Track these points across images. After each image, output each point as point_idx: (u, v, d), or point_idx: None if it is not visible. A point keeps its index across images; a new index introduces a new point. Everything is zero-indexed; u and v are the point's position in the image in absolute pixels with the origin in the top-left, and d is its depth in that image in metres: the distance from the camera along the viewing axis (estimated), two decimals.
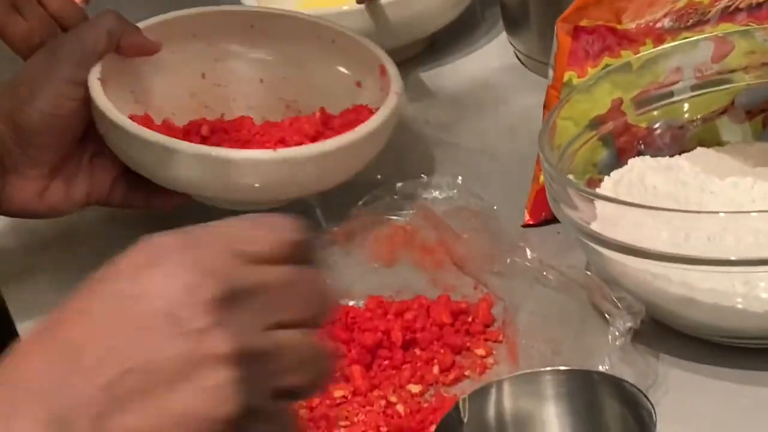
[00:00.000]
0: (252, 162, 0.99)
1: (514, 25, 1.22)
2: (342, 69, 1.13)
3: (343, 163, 0.99)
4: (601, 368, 0.76)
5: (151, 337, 0.54)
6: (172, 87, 1.11)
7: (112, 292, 0.57)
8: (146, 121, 1.02)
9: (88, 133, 1.02)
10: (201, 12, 1.14)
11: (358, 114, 1.03)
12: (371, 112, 1.01)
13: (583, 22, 0.83)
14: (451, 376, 0.82)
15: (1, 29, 1.05)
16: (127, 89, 1.06)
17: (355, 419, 0.82)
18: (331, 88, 1.11)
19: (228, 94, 1.14)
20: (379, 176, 1.04)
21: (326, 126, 1.05)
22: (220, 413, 0.52)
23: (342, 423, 0.82)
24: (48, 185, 1.02)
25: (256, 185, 0.99)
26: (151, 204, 1.08)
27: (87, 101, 0.99)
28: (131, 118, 1.01)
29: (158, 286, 0.56)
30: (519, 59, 1.21)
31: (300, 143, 1.04)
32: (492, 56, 1.24)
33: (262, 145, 1.07)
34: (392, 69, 1.05)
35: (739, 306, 0.77)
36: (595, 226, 0.79)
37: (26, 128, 0.99)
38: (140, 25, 1.08)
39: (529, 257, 0.87)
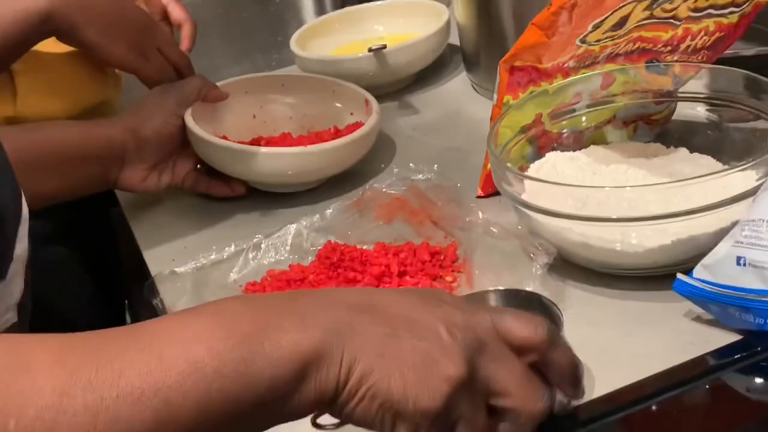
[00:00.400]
0: (292, 154, 1.03)
1: (470, 65, 1.24)
2: (338, 105, 1.17)
3: (347, 154, 1.06)
4: (527, 289, 0.78)
5: (421, 320, 0.56)
6: (235, 123, 1.16)
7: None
8: (224, 138, 1.08)
9: (176, 144, 1.07)
10: (251, 77, 1.22)
11: (353, 128, 1.09)
12: (361, 125, 1.07)
13: (517, 63, 0.86)
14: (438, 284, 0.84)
15: (137, 70, 1.06)
16: (208, 124, 1.10)
17: None
18: (333, 117, 1.15)
19: (270, 126, 1.18)
20: (382, 165, 1.09)
21: (336, 136, 1.10)
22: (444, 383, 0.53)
23: None
24: (147, 175, 1.07)
25: (290, 172, 1.04)
26: (210, 189, 1.10)
27: (181, 127, 1.05)
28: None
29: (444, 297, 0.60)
30: (474, 88, 1.26)
31: None
32: (457, 86, 1.30)
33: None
34: (372, 100, 1.12)
35: (618, 248, 0.78)
36: (524, 197, 0.81)
37: (142, 139, 1.04)
38: (218, 83, 1.15)
39: (480, 218, 0.90)
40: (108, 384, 0.46)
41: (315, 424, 0.58)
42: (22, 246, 0.65)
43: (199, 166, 1.11)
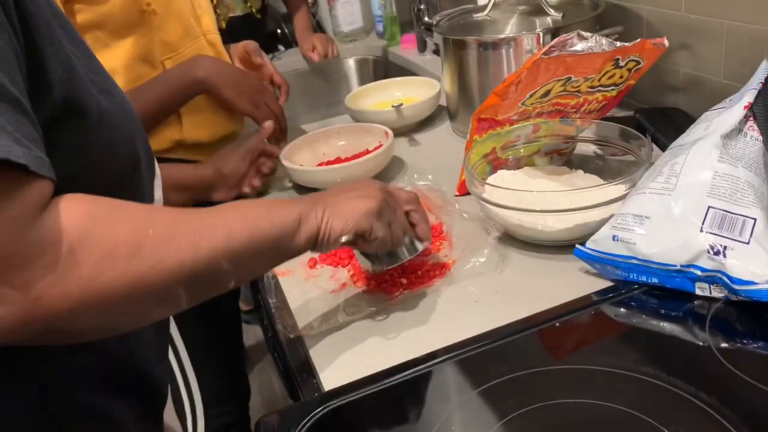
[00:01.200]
0: (341, 167, 1.04)
1: (452, 117, 1.22)
2: (368, 139, 1.13)
3: (375, 164, 1.03)
4: (486, 259, 0.78)
5: (353, 186, 0.68)
6: (310, 158, 1.14)
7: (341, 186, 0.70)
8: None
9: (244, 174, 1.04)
10: (320, 131, 1.17)
11: (378, 148, 1.06)
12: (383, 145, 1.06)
13: (482, 116, 0.86)
14: (428, 250, 0.82)
15: (253, 116, 1.06)
16: (296, 158, 1.09)
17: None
18: (366, 146, 1.13)
19: (329, 156, 1.14)
20: (397, 175, 1.08)
21: (369, 153, 1.06)
22: (367, 207, 0.65)
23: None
24: (231, 192, 1.03)
25: (338, 180, 1.01)
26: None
27: (248, 166, 1.03)
28: None
29: (362, 184, 0.69)
30: (454, 131, 1.22)
31: None
32: (443, 130, 1.26)
33: None
34: (390, 132, 1.09)
35: (539, 228, 0.78)
36: (484, 196, 0.80)
37: (223, 173, 1.01)
38: (305, 136, 1.17)
39: (457, 208, 0.89)
40: (198, 221, 0.51)
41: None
42: (158, 194, 0.64)
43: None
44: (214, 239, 0.51)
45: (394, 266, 0.73)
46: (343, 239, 0.64)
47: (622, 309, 0.68)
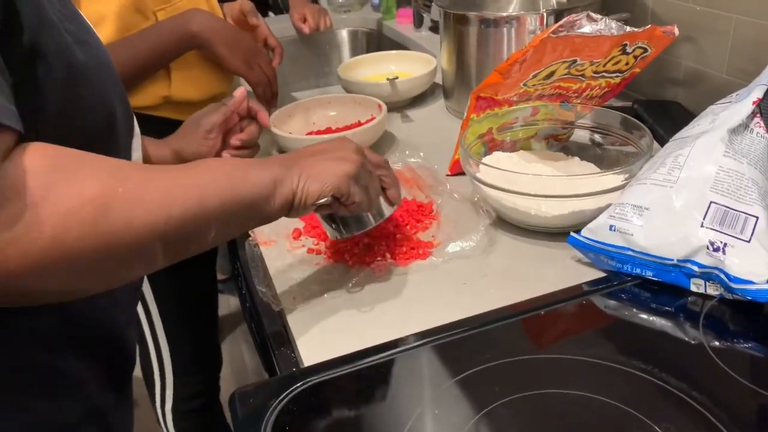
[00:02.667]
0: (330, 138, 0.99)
1: (447, 95, 1.20)
2: (359, 111, 1.11)
3: (367, 136, 1.00)
4: (476, 240, 0.76)
5: (329, 147, 0.65)
6: (300, 126, 1.11)
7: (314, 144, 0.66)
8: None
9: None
10: (311, 99, 1.14)
11: (370, 120, 1.03)
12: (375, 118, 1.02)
13: (481, 94, 0.83)
14: (416, 228, 0.81)
15: (245, 75, 1.03)
16: (285, 126, 1.07)
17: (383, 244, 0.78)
18: (358, 117, 1.10)
19: (320, 126, 1.12)
20: (388, 151, 1.06)
21: (360, 126, 1.04)
22: (345, 170, 0.62)
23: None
24: None
25: None
26: None
27: (212, 146, 0.81)
28: None
29: (336, 143, 0.66)
30: (447, 110, 1.20)
31: None
32: (437, 107, 1.24)
33: None
34: (383, 104, 1.06)
35: (533, 213, 0.76)
36: (478, 176, 0.78)
37: (185, 159, 0.80)
38: (296, 102, 1.13)
39: (448, 188, 0.87)
40: (170, 179, 0.49)
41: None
42: (136, 155, 0.61)
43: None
44: (187, 200, 0.49)
45: (362, 232, 0.71)
46: (320, 202, 0.61)
47: (613, 301, 0.66)
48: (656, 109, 1.00)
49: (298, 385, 0.57)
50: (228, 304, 2.06)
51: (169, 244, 0.49)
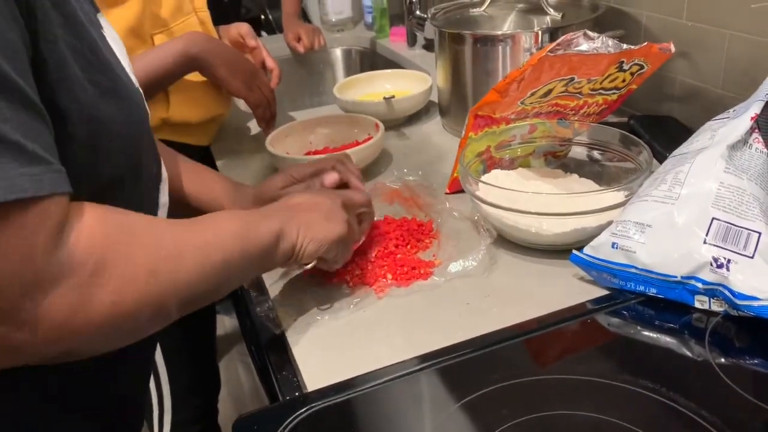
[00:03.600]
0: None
1: (443, 112, 1.20)
2: (357, 131, 1.11)
3: (364, 155, 1.00)
4: (477, 260, 0.75)
5: (317, 203, 0.69)
6: (296, 146, 1.10)
7: (297, 194, 0.72)
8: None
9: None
10: (307, 120, 1.14)
11: (368, 140, 1.03)
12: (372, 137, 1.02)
13: (479, 112, 0.83)
14: (417, 247, 0.80)
15: (245, 97, 1.03)
16: (282, 147, 1.06)
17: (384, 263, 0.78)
18: (355, 137, 1.10)
19: (316, 145, 1.11)
20: (385, 170, 1.05)
21: (358, 145, 1.03)
22: (341, 230, 0.68)
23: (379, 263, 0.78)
24: None
25: None
26: None
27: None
28: None
29: (318, 191, 0.72)
30: (444, 127, 1.20)
31: None
32: (433, 125, 1.23)
33: None
34: (380, 124, 1.06)
35: (534, 231, 0.76)
36: (477, 194, 0.78)
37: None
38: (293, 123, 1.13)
39: (447, 206, 0.86)
40: (200, 238, 0.54)
41: (305, 271, 0.75)
42: (163, 199, 0.62)
43: None
44: (216, 257, 0.54)
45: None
46: (311, 265, 0.70)
47: (617, 319, 0.66)
48: (652, 125, 1.00)
49: (302, 411, 0.56)
50: (223, 324, 2.04)
51: (195, 299, 0.53)
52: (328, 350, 0.65)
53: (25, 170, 0.39)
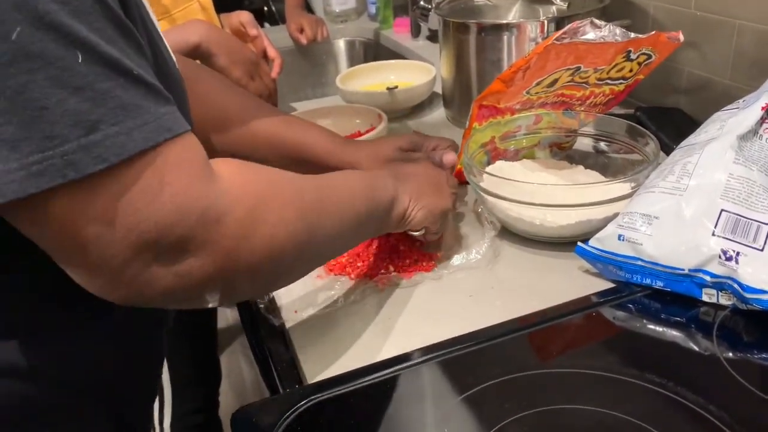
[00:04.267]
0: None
1: (447, 104, 1.18)
2: (359, 121, 1.10)
3: None
4: (481, 252, 0.75)
5: (428, 173, 0.73)
6: None
7: (404, 163, 0.78)
8: None
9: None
10: (310, 109, 1.12)
11: (370, 130, 1.02)
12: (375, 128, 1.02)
13: (484, 102, 0.82)
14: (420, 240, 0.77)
15: (245, 86, 1.03)
16: None
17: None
18: (358, 128, 1.08)
19: None
20: None
21: (359, 136, 1.03)
22: (448, 204, 0.73)
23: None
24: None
25: None
26: None
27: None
28: None
29: (426, 162, 0.78)
30: (447, 118, 1.18)
31: None
32: (436, 116, 1.22)
33: None
34: (383, 114, 1.05)
35: (538, 224, 0.75)
36: (481, 185, 0.76)
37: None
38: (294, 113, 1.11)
39: None
40: (339, 191, 0.58)
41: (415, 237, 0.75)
42: None
43: None
44: (350, 213, 0.57)
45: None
46: (419, 233, 0.72)
47: (623, 312, 0.65)
48: (659, 117, 0.98)
49: (303, 403, 0.55)
50: (225, 316, 2.03)
51: (329, 253, 0.59)
52: (329, 342, 0.64)
53: (165, 109, 0.41)
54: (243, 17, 1.13)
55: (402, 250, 0.76)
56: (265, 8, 2.18)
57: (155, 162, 0.40)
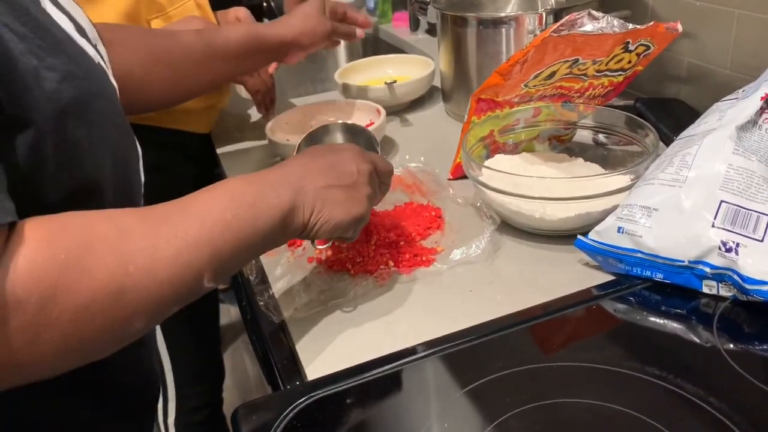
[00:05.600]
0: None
1: (446, 98, 1.18)
2: (359, 115, 1.09)
3: None
4: (481, 245, 0.74)
5: (343, 171, 0.61)
6: (298, 131, 1.07)
7: (323, 150, 0.64)
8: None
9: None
10: (310, 105, 1.14)
11: (369, 125, 1.01)
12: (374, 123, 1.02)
13: (482, 96, 0.82)
14: (419, 234, 0.78)
15: (244, 83, 1.03)
16: (283, 133, 1.05)
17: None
18: (357, 122, 1.08)
19: None
20: (387, 156, 1.03)
21: None
22: (361, 211, 0.61)
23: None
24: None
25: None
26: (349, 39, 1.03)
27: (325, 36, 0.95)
28: None
29: (348, 153, 0.63)
30: (446, 113, 1.18)
31: None
32: (436, 111, 1.21)
33: None
34: (382, 109, 1.04)
35: (538, 217, 0.74)
36: (481, 179, 0.76)
37: (302, 44, 0.94)
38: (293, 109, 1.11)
39: (450, 192, 0.86)
40: (180, 239, 0.46)
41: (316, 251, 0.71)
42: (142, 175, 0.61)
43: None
44: (199, 261, 0.47)
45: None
46: (325, 246, 0.66)
47: (623, 305, 0.65)
48: (658, 108, 0.98)
49: (303, 400, 0.55)
50: (229, 313, 2.03)
51: (181, 301, 0.48)
52: (330, 339, 0.64)
53: None
54: (240, 13, 1.12)
55: (402, 245, 0.76)
56: (264, 4, 2.18)
57: None
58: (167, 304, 0.47)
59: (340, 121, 0.86)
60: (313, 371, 0.60)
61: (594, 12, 0.75)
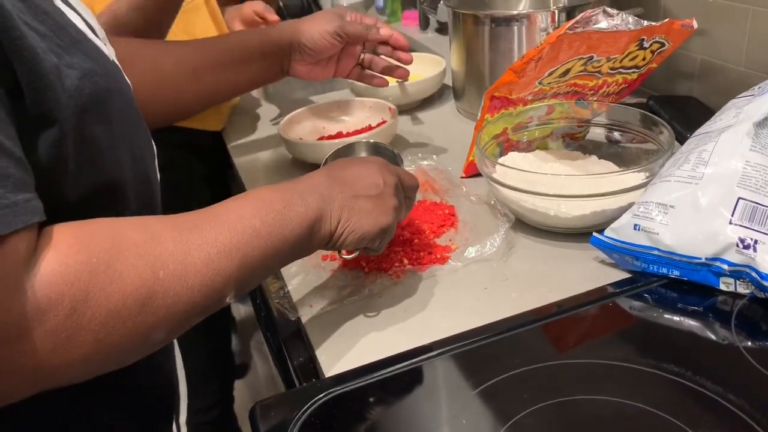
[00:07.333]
0: (343, 141, 0.96)
1: (457, 96, 1.17)
2: (370, 114, 1.09)
3: (379, 139, 0.95)
4: (495, 244, 0.74)
5: (370, 182, 0.61)
6: (310, 131, 1.08)
7: (349, 162, 0.64)
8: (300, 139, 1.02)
9: (332, 51, 0.90)
10: (320, 104, 1.13)
11: (381, 124, 1.02)
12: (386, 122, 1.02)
13: (495, 94, 0.82)
14: (434, 232, 0.78)
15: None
16: (295, 132, 1.05)
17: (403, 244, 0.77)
18: (368, 121, 1.07)
19: (330, 130, 1.09)
20: (400, 154, 1.03)
21: (371, 130, 1.01)
22: (388, 221, 0.60)
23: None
24: (312, 69, 0.91)
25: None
26: (372, 82, 0.97)
27: (335, 44, 0.88)
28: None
29: (374, 165, 0.63)
30: (458, 111, 1.18)
31: None
32: (447, 109, 1.22)
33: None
34: (393, 107, 1.05)
35: (552, 214, 0.74)
36: (494, 177, 0.76)
37: (300, 43, 0.87)
38: (301, 109, 1.10)
39: (464, 190, 0.86)
40: (210, 245, 0.47)
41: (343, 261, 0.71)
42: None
43: (362, 60, 0.95)
44: (228, 268, 0.47)
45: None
46: (351, 256, 0.64)
47: (639, 302, 0.64)
48: (672, 105, 0.98)
49: (320, 396, 0.55)
50: (239, 312, 2.04)
51: (207, 310, 0.48)
52: (345, 336, 0.64)
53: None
54: (256, 7, 1.12)
55: (416, 242, 0.76)
56: (280, 4, 2.17)
57: None
58: (195, 312, 0.46)
59: (364, 140, 0.85)
60: (329, 368, 0.60)
61: (609, 9, 0.74)
